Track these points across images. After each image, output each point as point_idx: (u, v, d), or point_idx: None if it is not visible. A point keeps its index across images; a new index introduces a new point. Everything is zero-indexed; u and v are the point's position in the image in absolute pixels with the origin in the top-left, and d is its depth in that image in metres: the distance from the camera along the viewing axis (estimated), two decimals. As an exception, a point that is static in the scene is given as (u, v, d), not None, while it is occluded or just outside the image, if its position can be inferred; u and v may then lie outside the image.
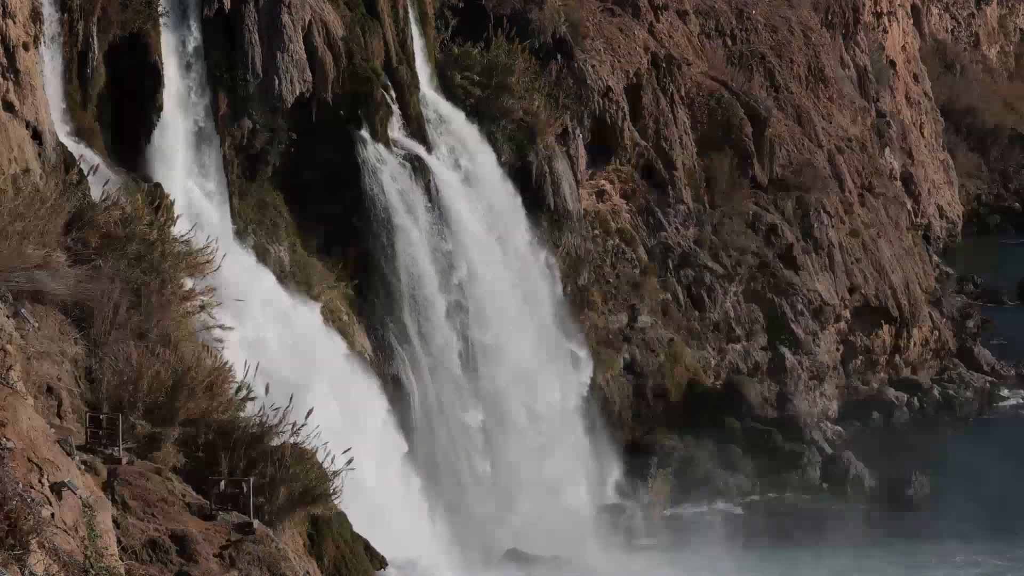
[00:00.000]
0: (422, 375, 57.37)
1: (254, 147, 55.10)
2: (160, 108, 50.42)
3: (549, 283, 64.70)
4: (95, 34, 48.70)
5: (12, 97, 42.85)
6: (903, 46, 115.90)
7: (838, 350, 79.36)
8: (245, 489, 35.04)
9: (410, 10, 61.84)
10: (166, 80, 50.78)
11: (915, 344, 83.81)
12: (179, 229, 46.27)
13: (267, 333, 49.93)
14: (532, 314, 62.49)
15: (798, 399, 73.22)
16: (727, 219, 76.41)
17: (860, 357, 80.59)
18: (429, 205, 58.71)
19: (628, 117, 72.85)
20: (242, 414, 38.74)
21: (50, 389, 34.80)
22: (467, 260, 59.36)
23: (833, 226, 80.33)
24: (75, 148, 46.20)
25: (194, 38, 52.49)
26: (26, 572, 23.38)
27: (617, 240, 71.89)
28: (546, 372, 62.37)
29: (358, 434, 49.03)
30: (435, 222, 58.81)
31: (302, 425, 39.27)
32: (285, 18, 54.78)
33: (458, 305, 58.67)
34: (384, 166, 57.47)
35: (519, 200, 64.16)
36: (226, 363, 40.65)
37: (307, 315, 53.95)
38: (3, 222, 35.97)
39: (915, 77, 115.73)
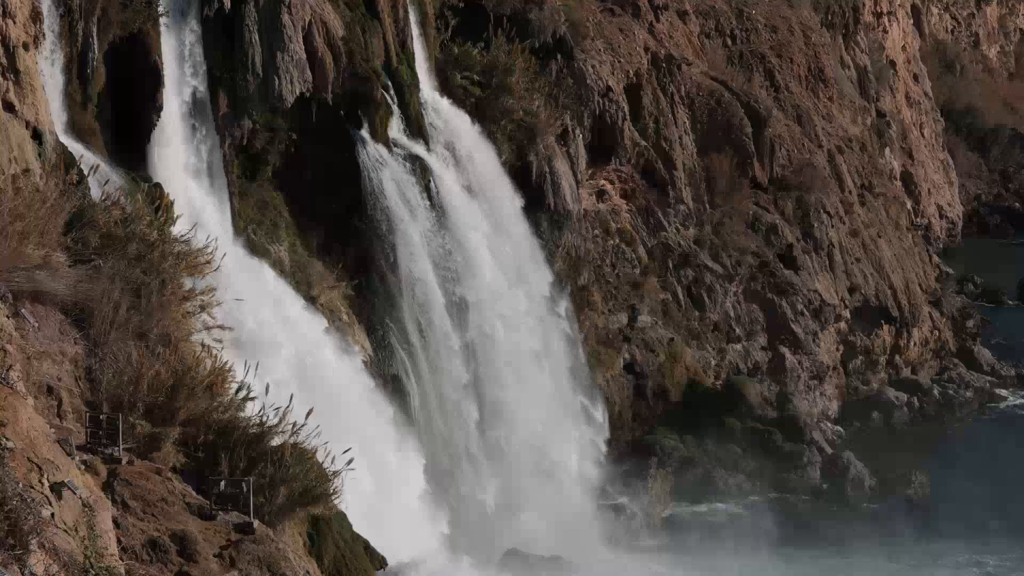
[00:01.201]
0: (422, 375, 57.36)
1: (254, 147, 55.09)
2: (160, 108, 50.37)
3: (567, 340, 64.41)
4: (95, 34, 48.67)
5: (12, 97, 42.84)
6: (903, 46, 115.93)
7: (838, 350, 79.37)
8: (245, 489, 35.05)
9: (410, 10, 61.81)
10: (166, 80, 50.74)
11: (915, 344, 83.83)
12: (179, 229, 46.23)
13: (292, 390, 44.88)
14: (550, 370, 62.33)
15: (798, 399, 73.25)
16: (727, 219, 76.41)
17: (860, 357, 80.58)
18: (429, 205, 58.71)
19: (628, 117, 72.84)
20: (242, 414, 38.72)
21: (50, 389, 34.80)
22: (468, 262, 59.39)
23: (833, 226, 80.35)
24: (75, 148, 46.16)
25: (194, 38, 52.45)
26: (26, 572, 23.38)
27: (617, 240, 71.88)
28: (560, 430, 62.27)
29: (393, 513, 48.96)
30: (434, 223, 58.82)
31: (302, 425, 39.25)
32: (285, 18, 54.77)
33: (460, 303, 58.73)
34: (384, 166, 57.44)
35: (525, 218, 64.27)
36: (226, 363, 40.60)
37: (347, 365, 53.43)
38: (3, 222, 35.96)
39: (915, 77, 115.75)
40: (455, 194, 60.08)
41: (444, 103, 63.05)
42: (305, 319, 52.96)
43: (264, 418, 38.43)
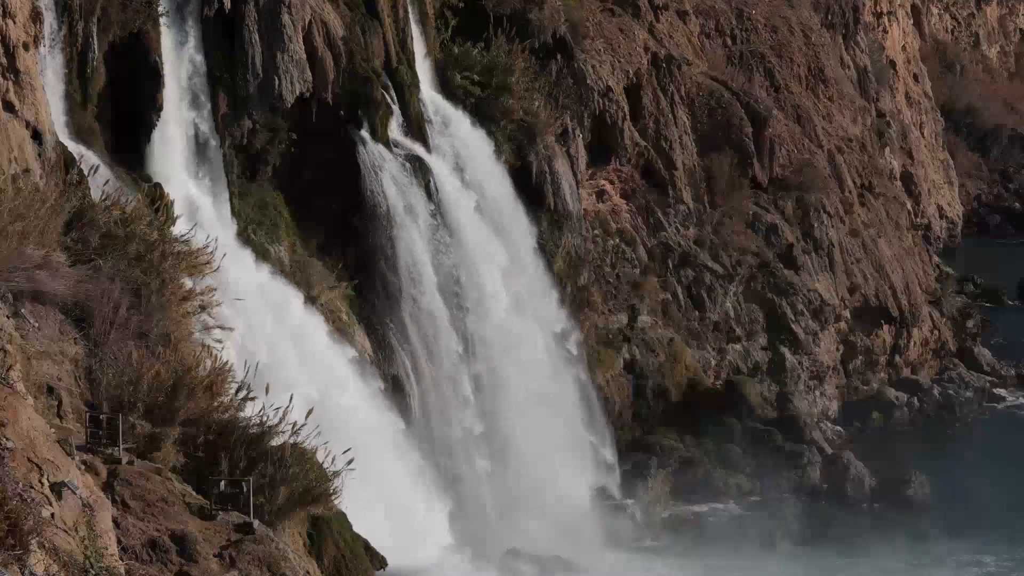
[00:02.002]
0: (422, 375, 57.34)
1: (254, 147, 55.08)
2: (160, 108, 50.41)
3: (578, 382, 64.18)
4: (95, 34, 48.72)
5: (12, 97, 42.87)
6: (903, 46, 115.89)
7: (838, 350, 79.35)
8: (245, 489, 35.06)
9: (410, 10, 61.81)
10: (166, 80, 50.77)
11: (915, 344, 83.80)
12: (179, 229, 46.24)
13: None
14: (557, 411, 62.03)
15: (798, 399, 73.22)
16: (727, 219, 76.40)
17: (860, 357, 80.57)
18: (429, 204, 58.67)
19: (628, 117, 72.82)
20: (242, 414, 38.73)
21: (50, 389, 34.82)
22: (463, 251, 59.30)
23: (833, 226, 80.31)
24: (75, 148, 46.18)
25: (194, 38, 52.46)
26: (26, 572, 23.37)
27: (617, 240, 71.85)
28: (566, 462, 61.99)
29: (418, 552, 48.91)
30: (435, 223, 58.80)
31: (302, 425, 39.25)
32: (285, 18, 54.78)
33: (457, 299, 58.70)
34: (384, 166, 57.43)
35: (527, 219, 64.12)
36: (226, 363, 40.62)
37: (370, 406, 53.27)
38: (3, 222, 35.98)
39: (915, 77, 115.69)
40: (469, 224, 59.57)
41: (444, 103, 62.78)
42: (331, 352, 52.73)
43: (264, 418, 38.44)
